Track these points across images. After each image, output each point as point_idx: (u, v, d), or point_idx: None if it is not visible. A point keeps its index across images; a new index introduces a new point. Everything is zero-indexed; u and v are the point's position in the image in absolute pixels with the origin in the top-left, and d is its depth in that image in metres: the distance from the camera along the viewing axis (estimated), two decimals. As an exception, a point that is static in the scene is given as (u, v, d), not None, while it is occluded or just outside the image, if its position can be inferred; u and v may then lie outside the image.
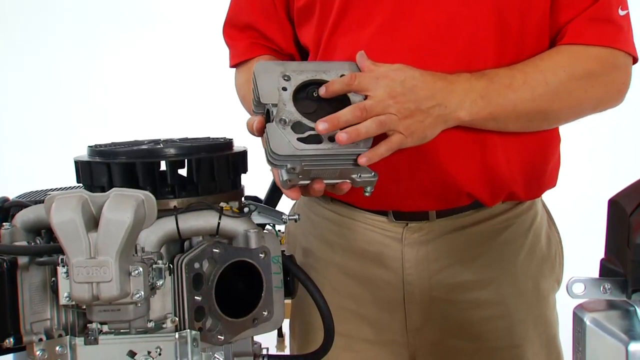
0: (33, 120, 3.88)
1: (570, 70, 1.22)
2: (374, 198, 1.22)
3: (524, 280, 1.35)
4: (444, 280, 1.32)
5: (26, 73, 3.89)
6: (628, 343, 0.76)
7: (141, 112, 3.70)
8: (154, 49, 3.80)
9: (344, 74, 1.09)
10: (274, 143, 1.01)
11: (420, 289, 1.33)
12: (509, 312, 1.34)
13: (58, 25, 3.88)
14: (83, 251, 0.91)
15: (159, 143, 1.15)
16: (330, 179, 1.06)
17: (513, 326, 1.34)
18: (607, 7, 1.24)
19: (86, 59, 3.83)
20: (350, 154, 1.03)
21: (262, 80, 1.07)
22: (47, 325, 1.06)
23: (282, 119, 1.03)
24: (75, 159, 1.13)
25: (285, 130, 1.02)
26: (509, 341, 1.34)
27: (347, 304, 1.37)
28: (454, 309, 1.33)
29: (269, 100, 1.05)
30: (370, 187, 1.07)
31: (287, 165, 1.02)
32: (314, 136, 1.02)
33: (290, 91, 1.06)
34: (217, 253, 1.04)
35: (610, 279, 0.84)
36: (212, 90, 3.47)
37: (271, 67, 1.09)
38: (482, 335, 1.34)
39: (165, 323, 1.03)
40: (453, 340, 1.34)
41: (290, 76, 1.07)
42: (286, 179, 1.02)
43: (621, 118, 3.33)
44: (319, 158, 1.02)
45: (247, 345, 1.12)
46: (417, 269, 1.32)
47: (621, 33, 1.26)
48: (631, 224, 0.80)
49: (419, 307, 1.34)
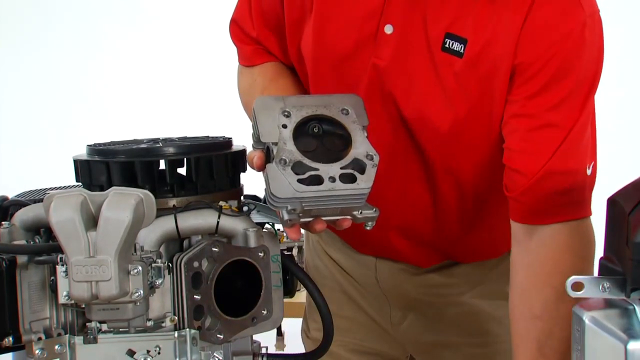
0: (32, 119, 3.88)
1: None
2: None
3: (499, 285, 1.37)
4: (416, 283, 1.41)
5: (25, 72, 3.89)
6: (627, 342, 0.76)
7: (140, 111, 3.70)
8: (153, 48, 3.80)
9: (345, 107, 1.08)
10: (274, 186, 1.00)
11: (395, 291, 1.43)
12: (482, 310, 1.40)
13: (57, 25, 3.88)
14: (82, 250, 0.91)
15: (158, 142, 1.15)
16: (331, 216, 1.05)
17: (489, 323, 1.40)
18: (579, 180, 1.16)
19: (85, 58, 3.83)
20: (351, 194, 1.02)
21: (262, 118, 1.05)
22: (46, 324, 1.06)
23: (283, 159, 1.01)
24: (74, 157, 1.13)
25: (286, 172, 1.00)
26: (487, 338, 1.41)
27: (345, 290, 1.49)
28: (430, 307, 1.42)
29: (269, 139, 1.04)
30: (372, 222, 1.06)
31: (288, 206, 1.01)
32: (314, 177, 1.01)
33: (291, 129, 1.04)
34: (216, 252, 1.04)
35: (609, 278, 0.84)
36: (211, 89, 3.47)
37: (271, 102, 1.07)
38: (461, 331, 1.39)
39: (165, 322, 1.03)
40: (433, 335, 1.43)
41: (291, 112, 1.05)
42: (287, 219, 1.01)
43: (621, 117, 3.34)
44: (319, 199, 1.01)
45: (246, 344, 1.12)
46: (390, 275, 1.42)
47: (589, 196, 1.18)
48: (630, 223, 0.80)
49: (397, 304, 1.44)
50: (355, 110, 1.08)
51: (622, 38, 1.95)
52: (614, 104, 2.72)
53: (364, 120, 1.08)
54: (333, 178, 1.01)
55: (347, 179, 1.01)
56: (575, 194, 1.14)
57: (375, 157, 1.03)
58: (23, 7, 3.88)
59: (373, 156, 1.03)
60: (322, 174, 1.01)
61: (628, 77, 2.95)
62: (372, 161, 1.03)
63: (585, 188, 1.16)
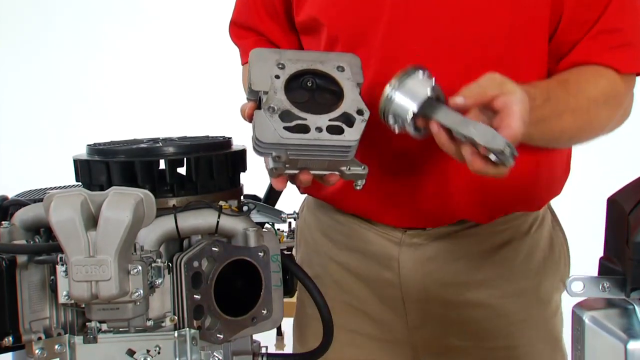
0: (32, 118, 3.87)
1: (608, 101, 1.20)
2: (375, 215, 1.34)
3: (523, 281, 1.34)
4: (440, 280, 1.33)
5: (25, 71, 3.89)
6: (627, 341, 0.76)
7: (140, 111, 3.69)
8: (153, 48, 3.79)
9: (341, 65, 1.08)
10: (259, 130, 1.00)
11: (417, 289, 1.34)
12: (506, 313, 1.34)
13: (56, 24, 3.87)
14: (82, 250, 0.91)
15: (158, 142, 1.15)
16: (318, 170, 1.05)
17: (512, 326, 1.34)
18: (625, 25, 1.21)
19: (85, 57, 3.82)
20: (337, 146, 1.01)
21: (256, 67, 1.06)
22: (46, 323, 1.06)
23: (271, 106, 1.01)
24: (74, 157, 1.13)
25: (273, 119, 1.00)
26: (509, 341, 1.34)
27: (350, 299, 1.39)
28: (452, 308, 1.34)
29: (260, 88, 1.04)
30: (361, 181, 1.06)
31: (273, 153, 1.01)
32: (301, 126, 1.01)
33: (283, 79, 1.04)
34: (216, 252, 1.04)
35: (609, 278, 0.84)
36: (211, 88, 3.47)
37: (267, 54, 1.08)
38: (481, 335, 1.34)
39: (165, 322, 1.03)
40: (453, 339, 1.35)
41: (285, 64, 1.06)
42: (272, 167, 1.01)
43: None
44: (304, 148, 1.01)
45: (246, 344, 1.12)
46: (412, 268, 1.33)
47: (637, 53, 1.23)
48: (630, 223, 0.80)
49: (417, 305, 1.35)
50: (351, 69, 1.08)
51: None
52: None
53: (358, 78, 1.08)
54: (320, 128, 1.01)
55: (334, 130, 1.01)
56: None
57: (365, 112, 1.03)
58: (23, 7, 3.87)
59: (364, 111, 1.03)
60: (309, 123, 1.01)
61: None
62: (362, 116, 1.03)
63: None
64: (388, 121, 1.04)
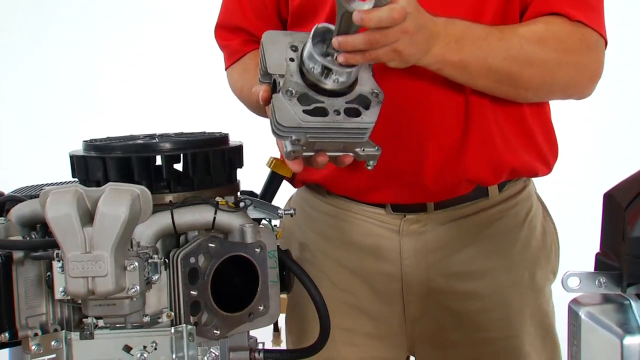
0: (28, 115, 3.88)
1: (545, 41, 1.21)
2: (372, 191, 1.28)
3: (519, 271, 1.35)
4: (441, 271, 1.33)
5: (21, 69, 3.89)
6: (623, 337, 0.76)
7: (136, 107, 3.69)
8: (150, 45, 3.79)
9: None
10: (280, 114, 1.01)
11: (418, 280, 1.33)
12: (505, 303, 1.34)
13: (54, 22, 3.87)
14: (78, 246, 0.91)
15: (155, 137, 1.15)
16: (333, 152, 1.06)
17: (509, 317, 1.35)
18: None
19: (82, 54, 3.82)
20: (354, 127, 1.03)
21: (269, 51, 1.06)
22: (43, 319, 1.06)
23: (289, 90, 1.02)
24: (71, 153, 1.13)
25: (292, 102, 1.01)
26: (506, 332, 1.35)
27: (346, 297, 1.37)
28: (452, 300, 1.34)
29: (277, 71, 1.04)
30: (373, 161, 1.07)
31: (292, 136, 1.02)
32: (319, 109, 1.02)
33: (298, 62, 1.05)
34: (212, 248, 1.04)
35: (605, 273, 0.84)
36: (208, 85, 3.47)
37: (279, 37, 1.08)
38: (479, 326, 1.34)
39: (161, 317, 1.03)
40: (450, 331, 1.35)
41: (298, 47, 1.06)
42: (290, 150, 1.02)
43: (617, 110, 3.34)
44: (323, 131, 1.02)
45: (243, 340, 1.12)
46: (415, 259, 1.32)
47: (595, 14, 1.25)
48: (626, 218, 0.80)
49: (417, 297, 1.34)
50: None
51: (622, 38, 1.97)
52: (610, 101, 2.72)
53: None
54: (338, 111, 1.02)
55: (351, 112, 1.02)
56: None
57: (380, 94, 1.04)
58: (23, 7, 3.88)
59: (378, 93, 1.04)
60: (327, 106, 1.02)
61: (625, 74, 2.96)
62: (377, 98, 1.04)
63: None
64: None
